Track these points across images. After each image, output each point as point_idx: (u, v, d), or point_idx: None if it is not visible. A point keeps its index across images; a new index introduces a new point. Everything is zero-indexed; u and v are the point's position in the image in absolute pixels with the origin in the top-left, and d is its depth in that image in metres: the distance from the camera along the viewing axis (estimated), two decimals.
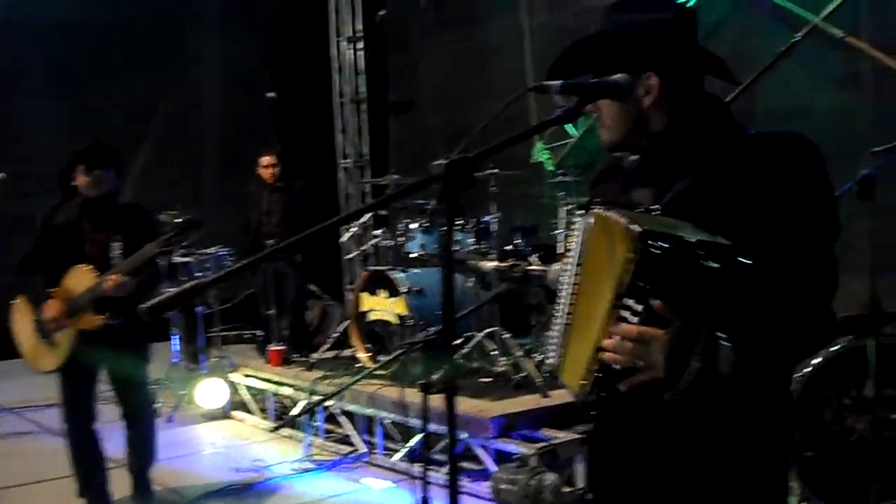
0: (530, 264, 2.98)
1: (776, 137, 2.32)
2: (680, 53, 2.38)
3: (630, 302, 2.12)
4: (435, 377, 2.94)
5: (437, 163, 2.09)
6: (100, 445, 6.11)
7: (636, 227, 2.09)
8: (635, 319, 2.11)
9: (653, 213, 2.31)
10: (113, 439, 6.20)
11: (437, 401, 3.05)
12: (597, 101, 2.41)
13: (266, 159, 9.72)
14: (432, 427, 4.88)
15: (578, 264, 2.41)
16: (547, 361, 2.57)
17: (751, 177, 2.24)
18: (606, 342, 2.17)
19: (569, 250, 2.48)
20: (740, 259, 2.08)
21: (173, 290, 2.18)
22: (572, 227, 2.48)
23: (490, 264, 3.98)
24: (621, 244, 2.14)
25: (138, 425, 6.15)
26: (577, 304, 2.40)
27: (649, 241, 2.07)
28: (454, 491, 2.25)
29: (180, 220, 5.76)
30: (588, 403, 2.27)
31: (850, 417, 5.29)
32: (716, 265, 2.06)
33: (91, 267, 5.72)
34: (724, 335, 2.10)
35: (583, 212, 2.44)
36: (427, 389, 2.99)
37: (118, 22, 13.60)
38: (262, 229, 9.58)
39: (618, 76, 2.33)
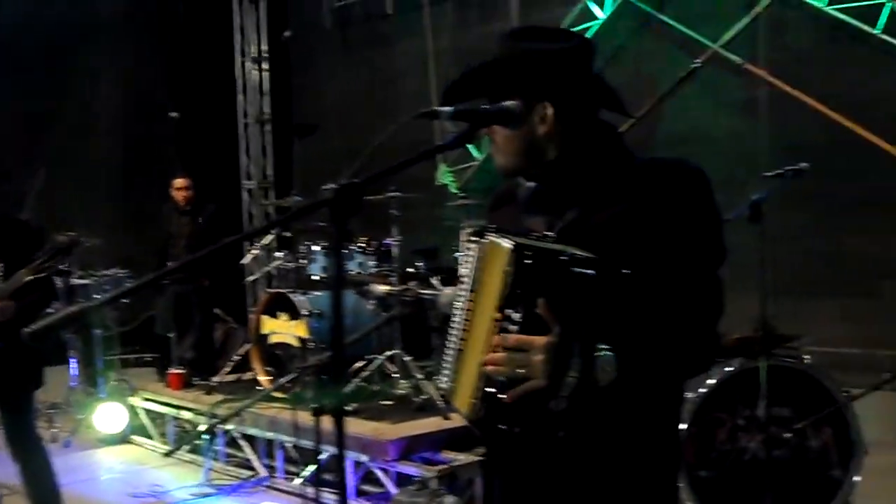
0: (425, 287, 2.98)
1: (664, 164, 2.37)
2: (575, 84, 2.41)
3: (509, 312, 2.14)
4: (325, 401, 2.93)
5: (326, 187, 2.09)
6: None
7: (509, 242, 2.12)
8: (515, 328, 2.13)
9: (545, 240, 2.34)
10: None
11: (330, 424, 3.05)
12: (491, 127, 2.43)
13: (179, 181, 9.61)
14: (331, 450, 4.86)
15: (472, 290, 2.42)
16: (440, 386, 2.57)
17: (639, 204, 2.28)
18: (488, 356, 2.19)
19: (462, 276, 2.50)
20: (618, 272, 2.11)
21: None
22: (467, 253, 2.49)
23: (383, 287, 3.99)
24: (500, 261, 2.17)
25: (29, 458, 5.65)
26: (470, 328, 2.41)
27: (524, 251, 2.10)
28: None
29: (53, 244, 5.50)
30: (477, 421, 2.28)
31: (743, 437, 5.39)
32: (591, 272, 2.09)
33: None
34: (604, 344, 2.13)
35: (476, 238, 2.45)
36: (319, 413, 2.97)
37: (14, 40, 13.35)
38: (171, 251, 9.48)
39: (509, 103, 2.35)
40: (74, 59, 13.97)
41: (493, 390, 2.20)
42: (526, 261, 2.10)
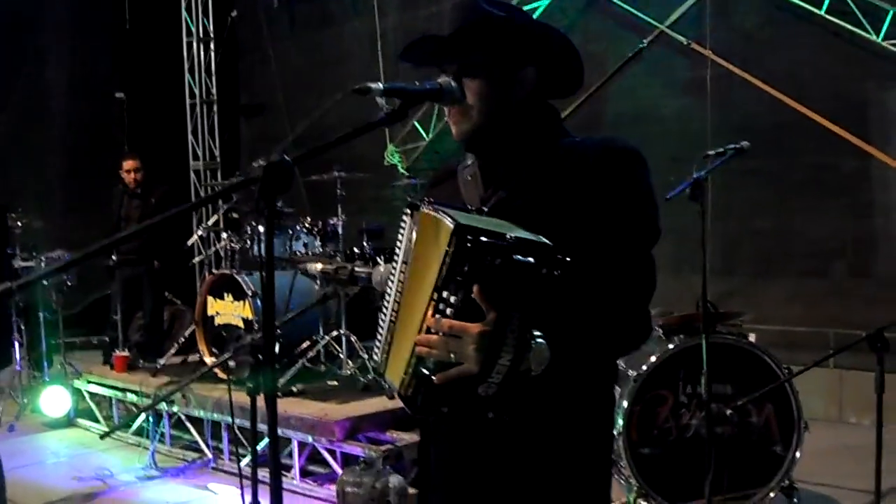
0: (360, 266, 2.97)
1: (594, 144, 2.38)
2: (521, 64, 2.42)
3: (446, 294, 2.13)
4: (259, 381, 2.91)
5: (255, 164, 2.08)
6: None
7: (452, 222, 2.11)
8: (450, 311, 2.13)
9: (480, 216, 2.34)
10: None
11: (281, 405, 3.03)
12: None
13: (129, 163, 9.49)
14: (283, 431, 4.86)
15: (405, 262, 2.42)
16: (372, 359, 2.57)
17: (573, 181, 2.29)
18: (419, 336, 2.19)
19: (397, 248, 2.50)
20: (558, 256, 2.11)
21: None
22: (401, 225, 2.48)
23: (318, 266, 3.99)
24: (440, 239, 2.15)
25: None
26: (402, 302, 2.41)
27: (467, 235, 2.09)
28: (277, 495, 2.23)
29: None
30: (407, 398, 2.28)
31: (685, 414, 5.43)
32: (530, 260, 2.09)
33: None
34: (538, 332, 2.13)
35: (409, 211, 2.44)
36: (254, 393, 2.95)
37: None
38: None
39: (442, 80, 2.35)
40: (20, 41, 13.80)
41: (424, 370, 2.20)
42: (467, 243, 2.09)
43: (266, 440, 6.28)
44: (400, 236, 2.49)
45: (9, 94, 13.62)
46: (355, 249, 7.53)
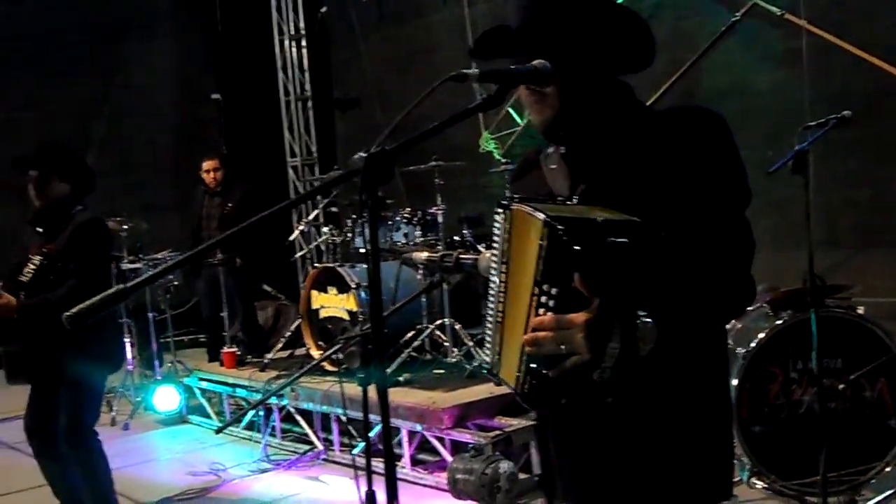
0: (465, 253, 2.97)
1: (679, 113, 2.36)
2: (586, 55, 2.40)
3: (546, 287, 2.13)
4: (370, 371, 2.94)
5: (356, 157, 2.09)
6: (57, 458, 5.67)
7: (542, 215, 2.10)
8: (552, 304, 2.12)
9: (569, 204, 2.33)
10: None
11: (393, 394, 3.06)
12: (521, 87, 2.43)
13: (208, 163, 9.67)
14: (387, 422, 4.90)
15: (504, 262, 2.41)
16: (485, 361, 2.58)
17: (659, 155, 2.27)
18: (526, 336, 2.18)
19: (494, 247, 2.49)
20: (651, 231, 2.09)
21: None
22: (495, 223, 2.48)
23: (423, 254, 3.97)
24: (534, 234, 2.15)
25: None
26: (507, 301, 2.40)
27: (557, 226, 2.08)
28: (392, 484, 2.25)
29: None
30: (524, 396, 2.27)
31: (796, 390, 5.35)
32: (624, 240, 2.07)
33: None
34: (643, 311, 2.12)
35: (501, 209, 2.44)
36: (365, 384, 2.99)
37: (59, 26, 13.48)
38: (202, 234, 9.55)
39: (537, 62, 2.34)
40: (119, 45, 14.09)
41: (536, 366, 2.20)
42: (559, 234, 2.08)
43: (376, 429, 6.36)
44: (496, 236, 2.49)
45: (106, 97, 13.92)
46: (455, 238, 7.56)
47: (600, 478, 2.46)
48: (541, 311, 2.15)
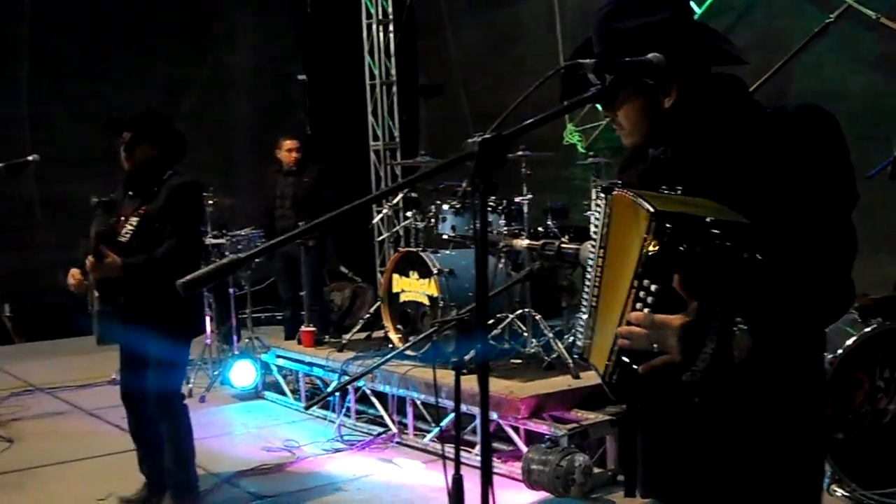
0: (564, 243, 2.97)
1: (790, 110, 2.33)
2: (687, 49, 2.38)
3: (646, 283, 2.12)
4: (467, 357, 2.95)
5: (470, 141, 2.10)
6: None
7: (650, 207, 2.09)
8: (651, 300, 2.12)
9: (674, 195, 2.32)
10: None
11: (467, 382, 3.07)
12: (615, 109, 2.43)
13: (289, 143, 9.80)
14: (463, 408, 4.90)
15: (602, 247, 2.42)
16: (577, 344, 2.58)
17: (766, 152, 2.25)
18: (621, 329, 2.18)
19: (593, 232, 2.49)
20: (759, 236, 2.08)
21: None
22: (596, 209, 2.48)
23: (523, 243, 3.95)
24: (638, 225, 2.14)
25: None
26: (602, 286, 2.41)
27: (665, 223, 2.07)
28: (487, 470, 2.26)
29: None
30: (611, 385, 2.28)
31: (882, 399, 5.29)
32: (731, 245, 2.05)
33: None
34: (740, 318, 2.10)
35: (604, 194, 2.44)
36: (459, 370, 2.99)
37: (149, 4, 13.67)
38: (276, 212, 9.64)
39: (652, 55, 2.32)
40: (209, 24, 14.26)
41: (627, 360, 2.20)
42: (665, 231, 2.07)
43: (450, 416, 6.39)
44: (595, 220, 2.48)
45: (195, 76, 14.10)
46: (539, 229, 7.55)
47: (685, 476, 2.45)
48: (638, 305, 2.14)
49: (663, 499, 2.57)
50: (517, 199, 7.64)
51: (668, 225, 2.06)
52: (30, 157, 6.04)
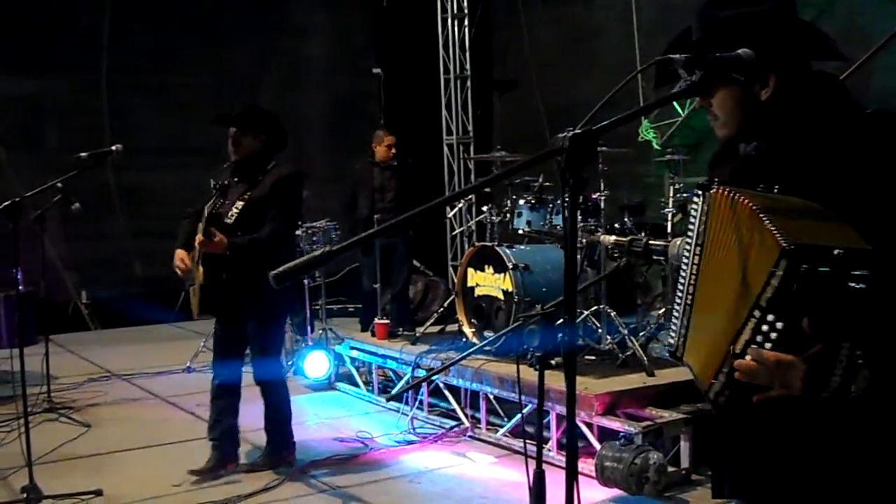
0: (652, 239, 2.96)
1: (888, 116, 2.29)
2: (787, 42, 2.36)
3: (770, 318, 2.08)
4: (552, 353, 2.95)
5: (560, 135, 2.09)
6: (233, 383, 6.49)
7: (783, 242, 2.03)
8: (774, 336, 2.07)
9: (773, 195, 2.28)
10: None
11: (546, 377, 3.07)
12: (710, 100, 2.40)
13: (389, 139, 9.83)
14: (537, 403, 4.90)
15: (699, 244, 2.38)
16: (669, 339, 2.55)
17: (866, 154, 2.21)
18: (740, 363, 2.13)
19: (690, 229, 2.47)
20: (880, 262, 2.02)
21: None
22: (692, 206, 2.45)
23: (610, 238, 3.96)
24: (765, 252, 2.06)
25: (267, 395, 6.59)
26: (701, 286, 2.37)
27: (800, 262, 2.00)
28: (573, 466, 2.26)
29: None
30: (716, 403, 2.24)
31: None
32: (864, 286, 1.98)
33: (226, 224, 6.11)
34: (862, 355, 2.04)
35: (701, 192, 2.41)
36: (543, 364, 2.99)
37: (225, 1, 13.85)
38: (376, 205, 9.68)
39: (743, 51, 2.30)
40: (283, 18, 14.36)
41: (741, 385, 2.16)
42: (800, 269, 2.01)
43: (525, 411, 6.38)
44: (693, 217, 2.46)
45: (270, 69, 14.21)
46: (616, 225, 7.51)
47: (779, 482, 2.41)
48: (759, 338, 2.09)
49: (750, 500, 2.54)
50: (594, 196, 7.61)
51: (804, 265, 2.00)
52: (113, 147, 6.13)
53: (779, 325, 2.06)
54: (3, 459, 6.73)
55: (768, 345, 2.08)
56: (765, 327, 2.08)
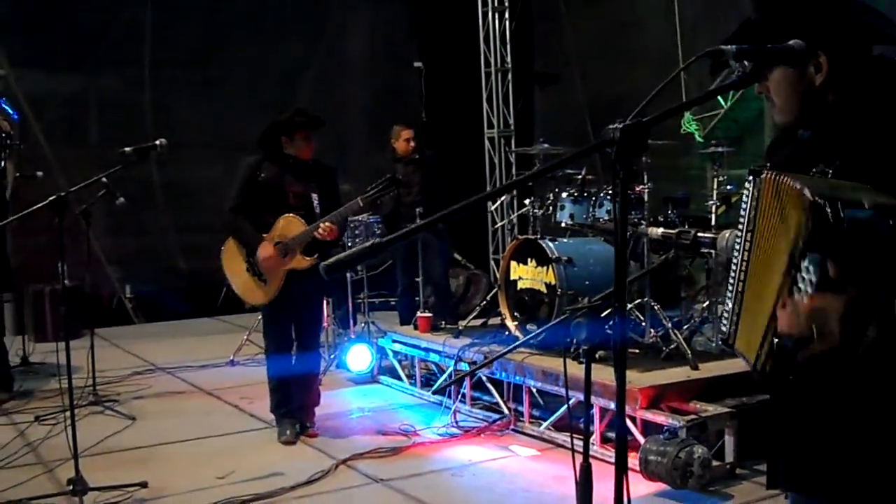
0: (700, 232, 2.95)
1: None
2: (845, 25, 2.34)
3: (803, 268, 2.08)
4: (599, 346, 2.94)
5: (611, 127, 2.09)
6: (293, 371, 7.10)
7: (809, 193, 2.05)
8: (810, 288, 2.08)
9: (826, 178, 2.27)
10: None
11: (577, 369, 3.06)
12: (767, 85, 2.39)
13: (407, 133, 9.85)
14: (580, 396, 4.88)
15: (749, 230, 2.38)
16: (721, 328, 2.54)
17: None
18: (780, 313, 2.14)
19: (741, 215, 2.46)
20: None
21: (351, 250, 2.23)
22: (744, 192, 2.45)
23: (658, 231, 3.92)
24: (795, 209, 2.10)
25: (311, 362, 7.30)
26: (750, 272, 2.37)
27: (826, 208, 2.02)
28: (622, 459, 2.25)
29: (386, 177, 6.95)
30: (763, 372, 2.24)
31: None
32: (890, 224, 2.01)
33: (297, 215, 6.80)
34: None
35: (752, 177, 2.40)
36: (590, 357, 2.99)
37: None
38: (403, 199, 9.68)
39: (792, 42, 2.30)
40: (325, 13, 14.40)
41: (783, 347, 2.16)
42: (827, 217, 2.02)
43: (569, 404, 6.36)
44: (744, 203, 2.45)
45: (311, 63, 14.25)
46: (659, 218, 7.46)
47: (834, 470, 2.38)
48: (795, 293, 2.11)
49: (805, 491, 2.51)
50: (638, 188, 7.56)
51: (828, 210, 2.01)
52: (157, 142, 6.18)
53: (811, 274, 2.06)
54: (50, 452, 6.82)
55: (806, 299, 2.08)
56: (799, 279, 2.08)
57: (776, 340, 2.18)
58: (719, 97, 10.24)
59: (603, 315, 3.00)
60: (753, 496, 5.67)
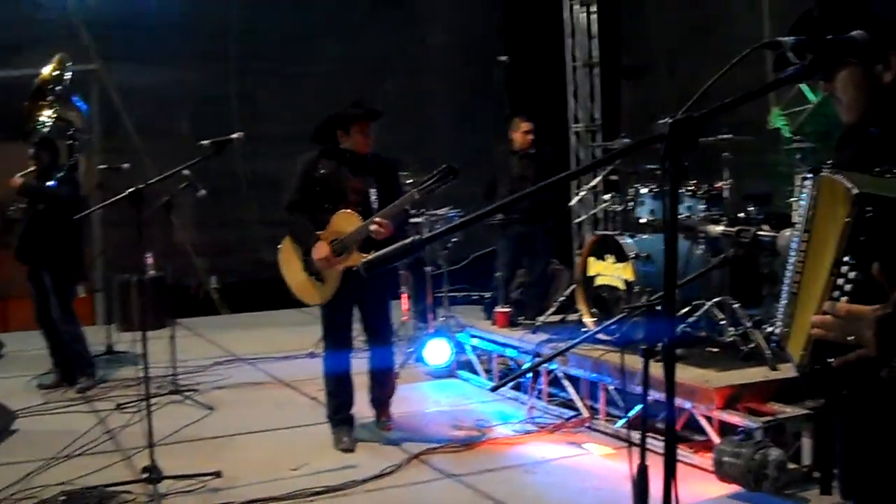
0: (761, 230, 2.87)
1: None
2: None
3: (844, 269, 2.03)
4: (656, 344, 2.89)
5: (661, 122, 2.05)
6: (351, 372, 6.98)
7: (854, 189, 1.99)
8: (848, 288, 2.02)
9: (888, 177, 2.20)
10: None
11: (658, 368, 3.01)
12: (834, 84, 2.32)
13: (526, 125, 9.70)
14: (656, 396, 4.82)
15: (806, 230, 2.32)
16: (775, 331, 2.50)
17: None
18: (815, 318, 2.09)
19: (798, 217, 2.40)
20: None
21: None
22: (804, 192, 2.39)
23: (718, 228, 3.83)
24: (843, 207, 2.05)
25: (384, 358, 7.18)
26: (804, 270, 2.32)
27: (866, 205, 1.96)
28: (671, 459, 2.20)
29: (443, 166, 6.54)
30: (805, 376, 2.18)
31: None
32: None
33: (354, 211, 6.60)
34: None
35: (811, 177, 2.34)
36: (648, 355, 2.94)
37: None
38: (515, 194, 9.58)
39: (855, 33, 2.23)
40: (410, 6, 14.43)
41: (822, 351, 2.10)
42: (867, 213, 1.96)
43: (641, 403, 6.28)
44: (802, 202, 2.39)
45: (396, 56, 14.29)
46: (740, 215, 7.31)
47: (885, 478, 2.33)
48: (835, 293, 2.05)
49: (859, 498, 2.45)
50: (717, 184, 7.44)
51: (868, 206, 1.95)
52: (234, 135, 6.23)
53: (852, 274, 2.01)
54: (128, 439, 6.93)
55: (844, 298, 2.02)
56: (840, 280, 2.03)
57: (816, 345, 2.12)
58: (807, 92, 10.04)
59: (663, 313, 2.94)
60: (829, 501, 5.54)
